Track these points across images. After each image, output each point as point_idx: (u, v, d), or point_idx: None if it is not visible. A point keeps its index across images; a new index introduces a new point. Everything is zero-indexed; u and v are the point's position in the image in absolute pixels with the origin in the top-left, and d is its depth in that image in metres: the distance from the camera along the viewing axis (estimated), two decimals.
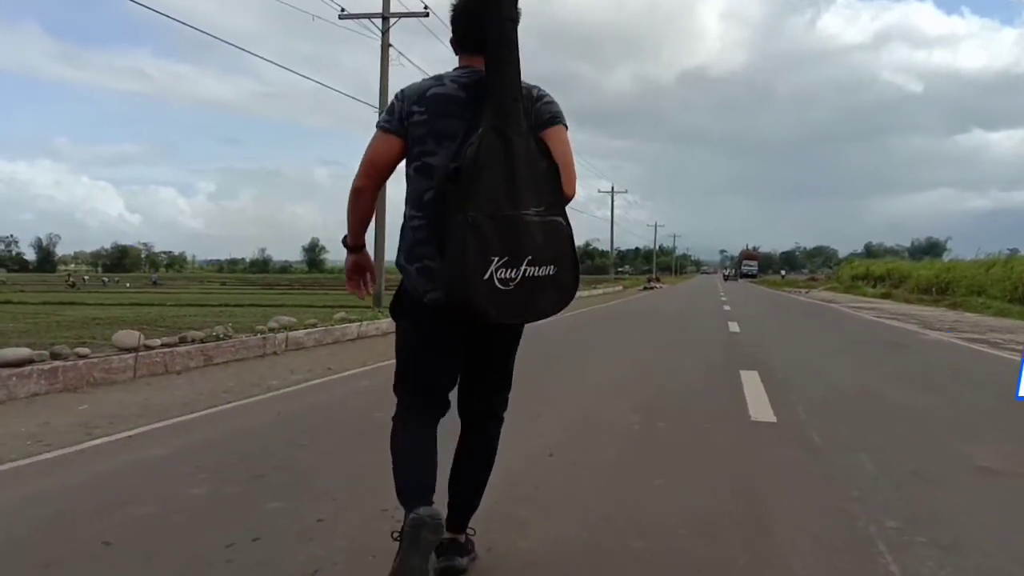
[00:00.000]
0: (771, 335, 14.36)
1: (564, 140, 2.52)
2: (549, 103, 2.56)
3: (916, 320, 19.96)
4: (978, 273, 32.74)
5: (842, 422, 5.57)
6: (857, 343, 13.23)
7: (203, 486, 3.76)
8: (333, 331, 12.71)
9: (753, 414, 5.81)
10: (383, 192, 19.25)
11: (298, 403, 6.43)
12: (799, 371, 8.70)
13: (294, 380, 7.84)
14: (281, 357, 10.17)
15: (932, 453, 4.71)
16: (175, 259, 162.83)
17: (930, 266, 45.96)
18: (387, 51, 19.33)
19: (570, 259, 2.41)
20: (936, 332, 15.64)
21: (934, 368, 9.65)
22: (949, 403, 6.75)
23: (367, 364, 9.34)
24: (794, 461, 4.42)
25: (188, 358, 8.92)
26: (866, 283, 49.89)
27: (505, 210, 2.32)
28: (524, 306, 2.35)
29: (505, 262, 2.29)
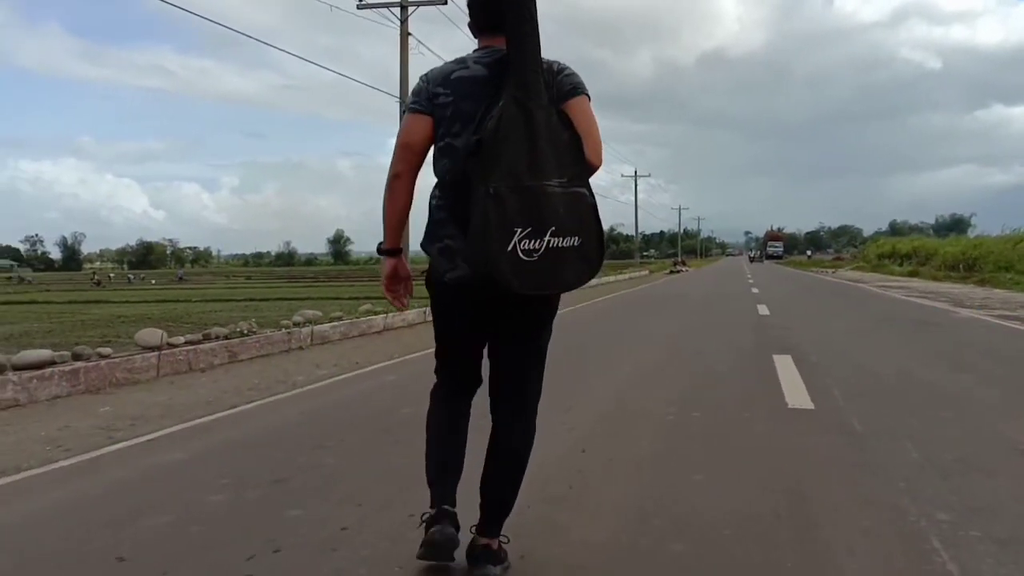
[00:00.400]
0: (801, 317, 14.09)
1: (586, 110, 2.53)
2: (570, 75, 2.56)
3: (945, 298, 19.58)
4: (1006, 249, 32.38)
5: (881, 407, 5.38)
6: (887, 322, 12.93)
7: (223, 492, 3.63)
8: (359, 324, 12.60)
9: (790, 401, 5.62)
10: None
11: (323, 400, 6.31)
12: (832, 353, 8.48)
13: (320, 375, 7.74)
14: (307, 352, 10.10)
15: (976, 438, 4.50)
16: (200, 254, 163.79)
17: (956, 243, 45.46)
18: (406, 40, 19.20)
19: (594, 230, 2.40)
20: (967, 310, 15.30)
21: (967, 347, 9.37)
22: (987, 384, 6.50)
23: (394, 357, 9.23)
24: (836, 450, 4.24)
25: (212, 355, 8.85)
26: (893, 261, 49.34)
27: (527, 181, 2.33)
28: (549, 277, 2.35)
29: (528, 233, 2.29)
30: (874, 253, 58.62)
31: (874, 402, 5.57)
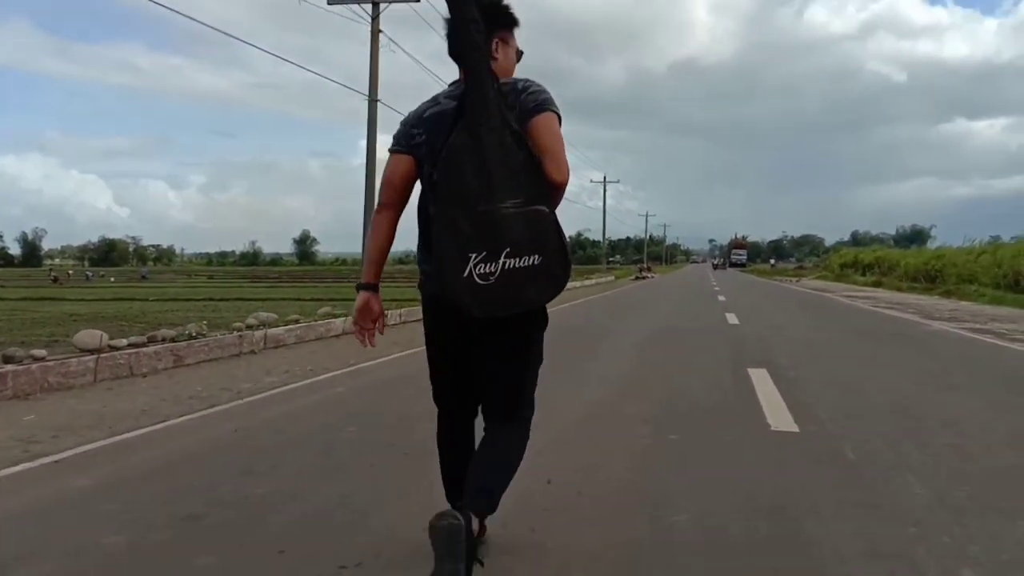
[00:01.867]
0: (771, 327, 13.72)
1: (549, 127, 2.50)
2: (535, 92, 2.55)
3: (914, 309, 19.46)
4: (968, 260, 32.57)
5: (871, 430, 4.94)
6: (861, 335, 12.61)
7: (124, 532, 3.08)
8: (316, 327, 12.06)
9: (772, 422, 5.17)
10: (371, 185, 18.66)
11: (264, 414, 5.76)
12: (808, 368, 8.08)
13: (268, 384, 7.23)
14: (259, 356, 9.60)
15: (982, 470, 4.08)
16: (163, 252, 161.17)
17: (919, 254, 45.87)
18: (377, 37, 18.67)
19: (556, 246, 2.39)
20: (938, 322, 15.10)
21: (947, 361, 9.04)
22: (978, 404, 6.11)
23: (350, 364, 8.73)
24: (832, 485, 3.78)
25: (156, 359, 8.32)
26: (855, 271, 49.73)
27: (480, 206, 2.34)
28: (509, 298, 2.37)
29: (483, 257, 2.33)
30: (837, 263, 58.99)
31: (862, 425, 5.14)
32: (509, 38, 2.71)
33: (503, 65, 2.66)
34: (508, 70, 2.70)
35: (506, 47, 2.69)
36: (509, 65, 2.71)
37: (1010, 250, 30.25)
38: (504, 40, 2.68)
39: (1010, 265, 27.47)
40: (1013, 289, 25.37)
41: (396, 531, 3.09)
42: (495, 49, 2.63)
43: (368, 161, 18.78)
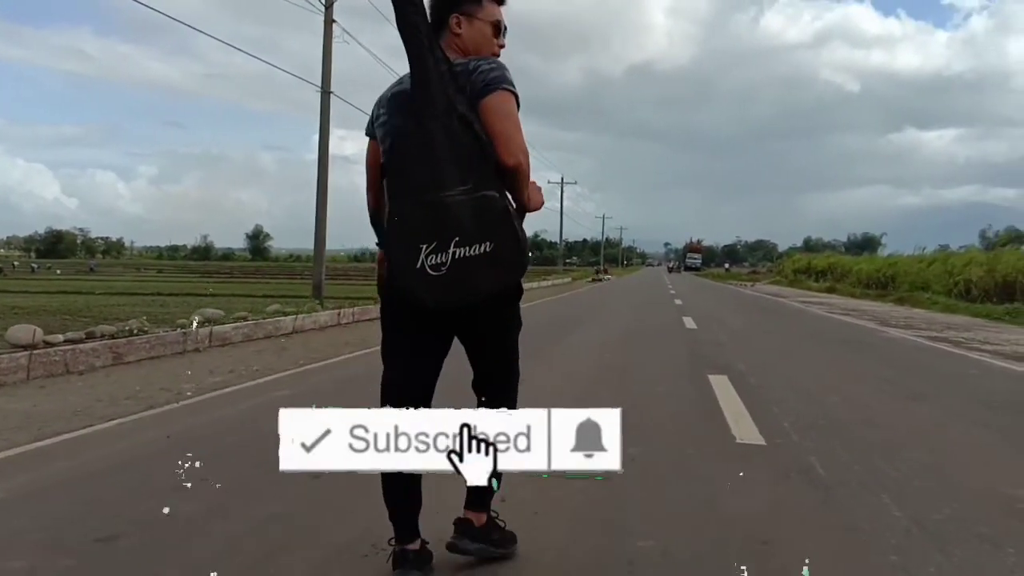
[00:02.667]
0: (729, 332, 13.59)
1: (497, 108, 2.38)
2: (485, 71, 2.42)
3: (869, 316, 19.55)
4: (919, 269, 33.04)
5: (840, 444, 4.74)
6: (819, 341, 12.56)
7: (27, 556, 2.75)
8: (265, 325, 11.67)
9: (737, 434, 4.95)
10: (324, 179, 18.28)
11: (201, 418, 5.42)
12: (770, 375, 7.90)
13: (210, 384, 6.90)
14: (203, 355, 9.25)
15: (961, 490, 3.88)
16: (112, 245, 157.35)
17: (871, 261, 46.51)
18: (330, 27, 18.26)
19: (509, 232, 2.30)
20: (894, 329, 15.13)
21: (908, 370, 8.95)
22: (946, 416, 6.00)
23: (298, 364, 8.43)
24: (804, 505, 3.56)
25: (94, 356, 7.94)
26: (809, 277, 50.23)
27: (426, 195, 2.28)
28: (461, 288, 2.29)
29: (433, 248, 2.25)
30: (791, 268, 59.53)
31: (830, 438, 4.94)
32: (476, 12, 2.56)
33: (467, 42, 2.55)
34: (475, 47, 2.56)
35: (471, 22, 2.56)
36: (476, 41, 2.57)
37: (961, 259, 30.76)
38: (469, 15, 2.56)
39: (961, 274, 27.90)
40: (964, 297, 25.74)
41: (339, 555, 2.82)
42: (456, 25, 2.54)
43: (321, 155, 18.37)
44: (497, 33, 2.61)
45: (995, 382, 8.09)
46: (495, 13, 2.61)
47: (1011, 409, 6.34)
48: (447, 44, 2.52)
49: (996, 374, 8.72)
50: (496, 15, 2.61)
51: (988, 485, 3.98)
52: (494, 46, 2.60)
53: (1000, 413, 6.11)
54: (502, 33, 2.63)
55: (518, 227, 2.33)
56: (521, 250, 2.33)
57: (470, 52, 2.54)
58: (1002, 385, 7.87)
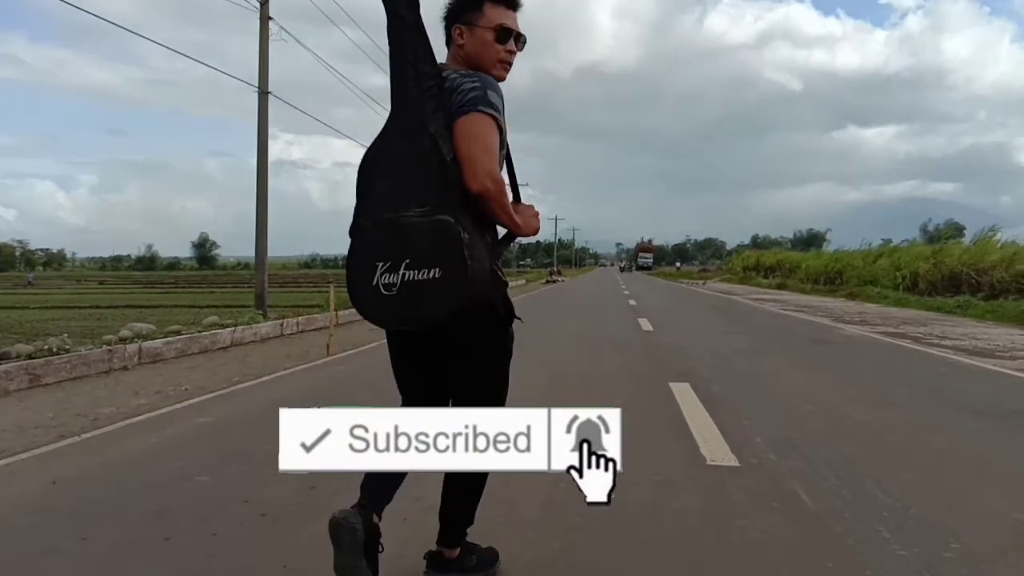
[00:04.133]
0: (686, 333, 13.21)
1: (467, 131, 2.30)
2: (465, 90, 2.35)
3: (824, 312, 19.40)
4: (866, 263, 33.34)
5: (820, 462, 4.29)
6: (778, 340, 12.24)
7: None
8: (200, 339, 10.99)
9: (708, 454, 4.47)
10: (264, 184, 17.55)
11: (105, 455, 4.75)
12: (733, 381, 7.49)
13: (132, 408, 6.30)
14: (131, 373, 8.60)
15: (962, 515, 3.45)
16: (53, 257, 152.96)
17: (818, 256, 46.95)
18: (267, 24, 17.55)
19: (457, 260, 2.20)
20: (851, 326, 14.90)
21: (875, 371, 8.58)
22: (927, 426, 5.57)
23: (233, 382, 7.83)
24: (796, 545, 3.08)
25: (7, 379, 7.31)
26: (758, 273, 50.54)
27: (386, 213, 2.28)
28: (408, 312, 2.24)
29: (388, 267, 2.23)
30: (740, 265, 59.91)
31: (807, 454, 4.49)
32: (476, 19, 2.48)
33: (468, 52, 2.49)
34: (476, 57, 2.49)
35: (472, 31, 2.48)
36: (476, 51, 2.49)
37: (907, 254, 31.13)
38: (469, 24, 2.48)
39: (908, 268, 28.17)
40: (912, 291, 25.94)
41: None
42: (458, 36, 2.49)
43: (260, 158, 17.63)
44: (502, 39, 2.49)
45: (967, 381, 7.76)
46: (497, 17, 2.48)
47: (992, 413, 5.97)
48: (453, 57, 2.52)
49: (965, 372, 8.41)
50: (499, 19, 2.48)
51: (993, 509, 3.55)
52: (498, 53, 2.49)
53: (982, 419, 5.72)
54: (512, 39, 2.51)
55: (467, 256, 2.19)
56: (466, 281, 2.19)
57: (472, 63, 2.48)
58: (974, 385, 7.54)
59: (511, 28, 2.50)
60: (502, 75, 2.52)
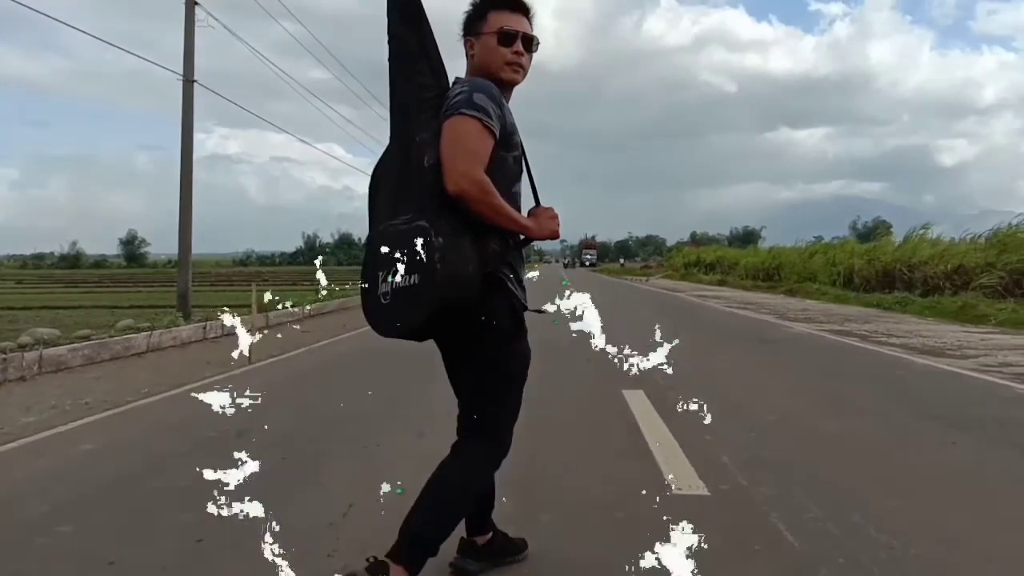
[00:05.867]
0: (634, 334, 12.72)
1: (446, 134, 2.31)
2: (453, 96, 2.38)
3: (767, 309, 19.26)
4: (802, 259, 33.85)
5: (800, 491, 3.78)
6: (727, 340, 11.85)
7: None
8: (112, 344, 10.14)
9: (673, 479, 3.92)
10: (188, 176, 16.69)
11: None
12: (688, 386, 6.95)
13: (16, 429, 5.63)
14: (28, 384, 7.83)
15: (965, 552, 2.98)
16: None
17: (756, 253, 47.75)
18: (193, 9, 16.68)
19: (429, 266, 2.17)
20: (797, 324, 14.68)
21: (834, 375, 8.21)
22: (899, 438, 5.14)
23: (141, 394, 7.12)
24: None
25: None
26: (699, 270, 50.94)
27: (382, 223, 2.35)
28: (397, 319, 2.28)
29: (384, 277, 2.27)
30: (681, 262, 60.44)
31: (784, 480, 3.99)
32: (482, 28, 2.51)
33: (478, 62, 2.52)
34: (484, 65, 2.51)
35: (479, 39, 2.52)
36: (483, 59, 2.51)
37: (841, 250, 31.60)
38: (476, 33, 2.52)
39: (844, 264, 28.47)
40: (848, 287, 26.18)
41: None
42: (469, 48, 2.55)
43: (184, 148, 16.73)
44: (504, 42, 2.48)
45: (926, 384, 7.42)
46: (500, 21, 2.49)
47: (961, 422, 5.57)
48: (468, 70, 2.56)
49: (922, 374, 8.08)
50: (501, 23, 2.49)
51: (998, 544, 3.10)
52: (503, 56, 2.49)
53: (954, 430, 5.31)
54: (518, 41, 2.50)
55: (436, 259, 2.16)
56: (434, 286, 2.17)
57: (483, 71, 2.50)
58: (935, 388, 7.20)
59: (512, 30, 2.49)
60: (513, 78, 2.52)
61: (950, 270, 21.06)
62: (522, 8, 2.55)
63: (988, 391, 6.94)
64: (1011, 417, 5.69)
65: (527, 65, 2.56)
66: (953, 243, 24.63)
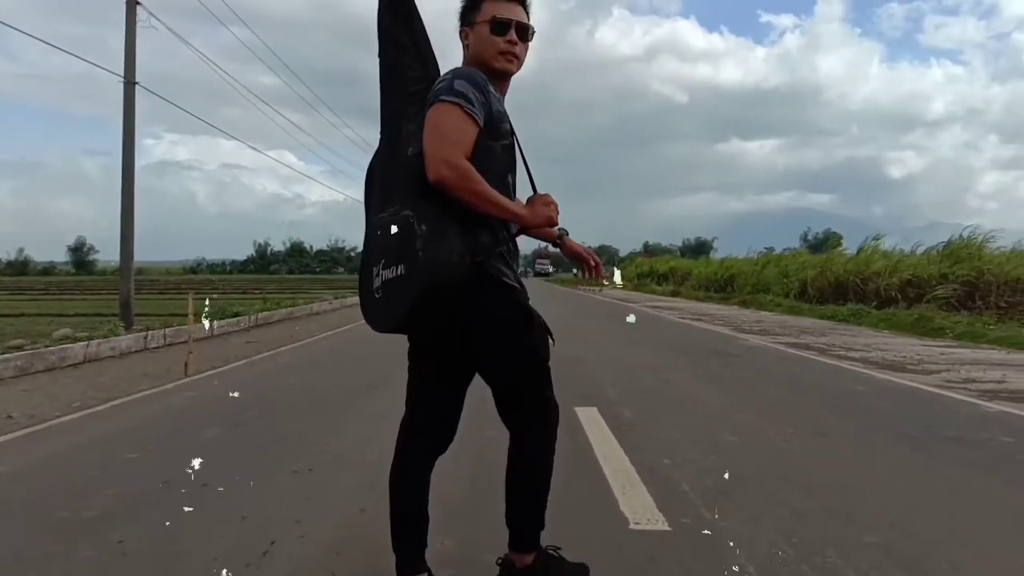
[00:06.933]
0: (587, 345, 12.37)
1: (429, 121, 2.28)
2: (436, 85, 2.37)
3: (722, 321, 19.17)
4: (755, 270, 33.92)
5: (770, 526, 3.48)
6: (683, 352, 11.60)
7: None
8: (46, 355, 9.65)
9: (630, 513, 3.59)
10: (130, 181, 16.14)
11: None
12: (646, 404, 6.70)
13: None
14: None
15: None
16: None
17: (708, 264, 47.99)
18: (134, 9, 16.17)
19: (412, 254, 2.15)
20: (753, 336, 14.53)
21: (795, 391, 7.96)
22: (870, 462, 4.87)
23: (71, 408, 6.76)
24: None
25: None
26: (652, 280, 51.05)
27: (374, 216, 2.34)
28: (388, 313, 2.26)
29: (377, 271, 2.27)
30: (634, 272, 60.52)
31: (750, 511, 3.67)
32: (475, 17, 2.49)
33: (473, 52, 2.51)
34: (478, 55, 2.49)
35: (473, 29, 2.50)
36: (477, 49, 2.49)
37: (794, 261, 31.75)
38: (470, 23, 2.51)
39: (797, 276, 28.62)
40: (801, 298, 26.27)
41: None
42: (465, 39, 2.53)
43: (126, 152, 16.17)
44: (497, 30, 2.46)
45: (889, 401, 7.18)
46: (493, 10, 2.47)
47: (930, 443, 5.32)
48: (465, 60, 2.53)
49: (884, 390, 7.87)
50: (494, 12, 2.46)
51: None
52: (496, 45, 2.46)
53: (923, 452, 5.06)
54: (511, 30, 2.47)
55: (418, 247, 2.15)
56: (417, 274, 2.15)
57: (476, 61, 2.48)
58: (898, 406, 6.97)
59: (505, 18, 2.46)
60: (507, 67, 2.49)
61: (903, 282, 21.18)
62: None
63: (955, 409, 6.74)
64: (983, 440, 5.46)
65: (522, 55, 2.52)
66: (905, 255, 24.80)
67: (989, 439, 5.50)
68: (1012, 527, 3.56)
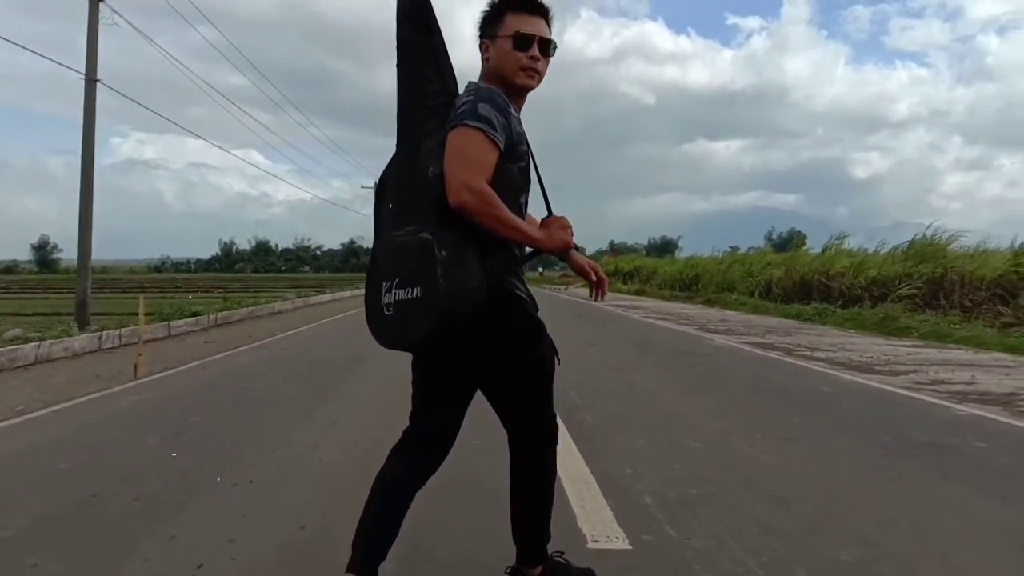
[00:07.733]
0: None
1: (449, 146, 2.26)
2: (458, 105, 2.32)
3: (687, 320, 19.12)
4: (720, 269, 34.12)
5: (733, 540, 3.29)
6: (647, 352, 11.46)
7: None
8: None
9: (588, 530, 3.38)
10: (89, 178, 15.72)
11: None
12: (608, 408, 6.52)
13: None
14: None
15: None
16: None
17: (673, 263, 48.28)
18: (96, 5, 15.75)
19: (431, 278, 2.13)
20: (718, 336, 14.44)
21: (760, 393, 7.79)
22: (839, 470, 4.70)
23: (15, 412, 6.42)
24: None
25: None
26: (617, 279, 51.14)
27: (388, 233, 2.32)
28: (398, 331, 2.26)
29: (387, 288, 2.26)
30: None
31: (715, 527, 3.47)
32: (497, 31, 2.43)
33: (493, 65, 2.46)
34: (498, 69, 2.45)
35: (495, 43, 2.44)
36: (498, 63, 2.44)
37: (759, 261, 31.98)
38: (492, 36, 2.45)
39: (762, 275, 28.75)
40: (766, 297, 26.40)
41: None
42: (485, 52, 2.49)
43: (85, 150, 15.74)
44: (520, 45, 2.41)
45: (858, 404, 7.03)
46: (516, 24, 2.42)
47: (902, 449, 5.16)
48: (482, 74, 2.50)
49: (852, 392, 7.74)
50: (517, 26, 2.41)
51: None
52: (518, 60, 2.42)
53: (895, 457, 4.91)
54: (534, 45, 2.42)
55: (439, 273, 2.12)
56: (436, 299, 2.12)
57: (497, 75, 2.44)
58: (868, 408, 6.82)
59: (529, 33, 2.41)
60: (528, 83, 2.46)
61: (868, 281, 21.26)
62: (540, 10, 2.47)
63: (926, 412, 6.61)
64: (956, 445, 5.31)
65: (543, 70, 2.49)
66: (870, 254, 24.92)
67: (962, 444, 5.37)
68: (992, 544, 3.37)
